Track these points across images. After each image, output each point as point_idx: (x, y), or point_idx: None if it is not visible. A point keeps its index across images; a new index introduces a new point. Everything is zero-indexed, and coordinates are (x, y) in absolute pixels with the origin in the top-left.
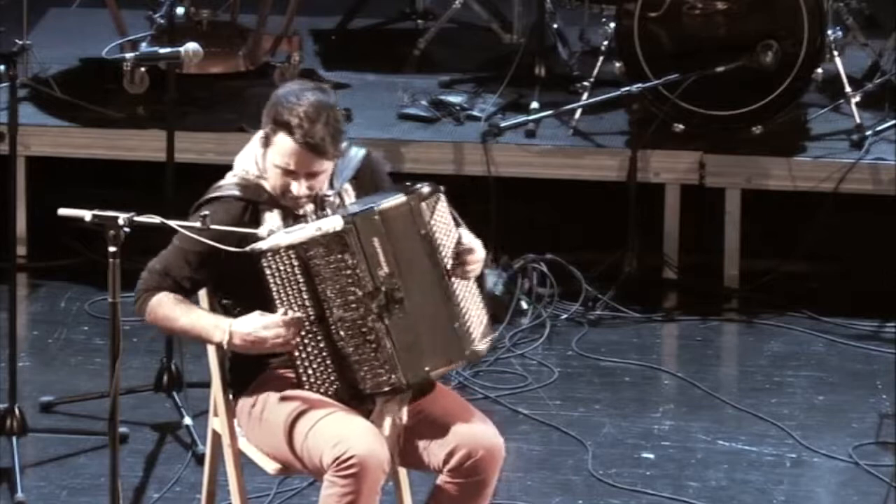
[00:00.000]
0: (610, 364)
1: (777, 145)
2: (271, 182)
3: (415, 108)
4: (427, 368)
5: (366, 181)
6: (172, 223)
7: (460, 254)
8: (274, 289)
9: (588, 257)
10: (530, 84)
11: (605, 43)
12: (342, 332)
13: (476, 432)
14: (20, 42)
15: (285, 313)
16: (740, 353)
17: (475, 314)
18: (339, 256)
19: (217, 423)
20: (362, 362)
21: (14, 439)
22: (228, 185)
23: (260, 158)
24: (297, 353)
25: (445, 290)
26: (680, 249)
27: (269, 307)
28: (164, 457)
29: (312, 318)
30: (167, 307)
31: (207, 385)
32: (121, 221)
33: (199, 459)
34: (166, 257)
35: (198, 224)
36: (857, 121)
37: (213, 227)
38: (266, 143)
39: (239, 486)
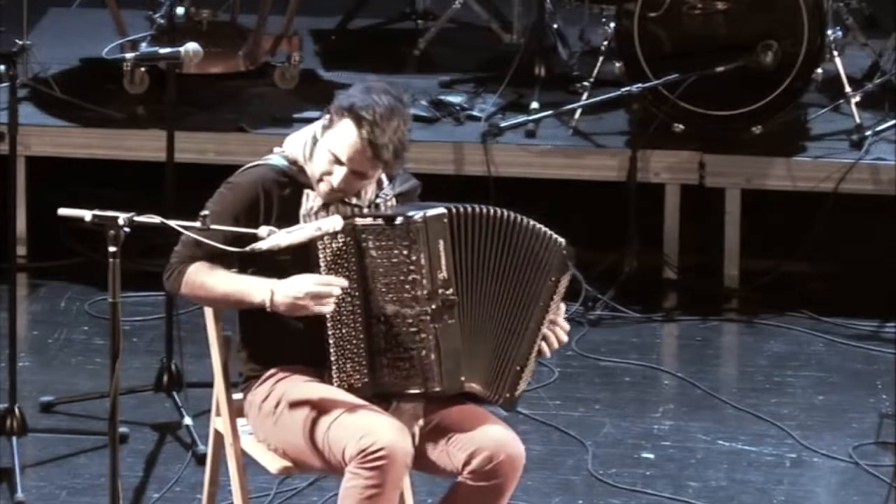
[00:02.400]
0: (610, 364)
1: (777, 145)
2: (315, 164)
3: (415, 108)
4: (463, 378)
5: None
6: (172, 223)
7: (554, 323)
8: (324, 273)
9: (588, 257)
10: (530, 84)
11: (605, 43)
12: (383, 327)
13: (500, 436)
14: (20, 42)
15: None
16: (740, 353)
17: (528, 373)
18: (403, 251)
19: (220, 422)
20: (400, 361)
21: (14, 439)
22: (277, 158)
23: (309, 146)
24: (331, 342)
25: (534, 335)
26: (680, 249)
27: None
28: (164, 457)
29: (357, 306)
30: (204, 275)
31: (207, 385)
32: (121, 221)
33: (199, 459)
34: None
35: (198, 224)
36: (857, 121)
37: (213, 227)
38: (329, 125)
39: (241, 485)
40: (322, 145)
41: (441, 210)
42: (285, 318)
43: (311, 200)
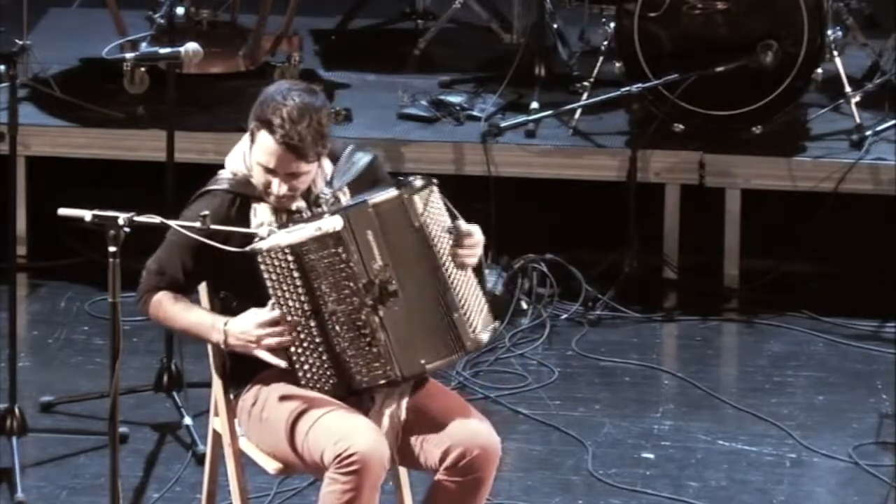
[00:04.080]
0: (610, 364)
1: (777, 145)
2: (255, 179)
3: (415, 108)
4: (423, 361)
5: (365, 187)
6: (172, 223)
7: (457, 240)
8: (269, 285)
9: (588, 257)
10: (530, 84)
11: (605, 43)
12: (337, 327)
13: (472, 430)
14: (20, 42)
15: (277, 309)
16: (740, 353)
17: (475, 304)
18: (334, 251)
19: (218, 422)
20: (358, 356)
21: (14, 439)
22: (219, 179)
23: (247, 156)
24: (293, 350)
25: (442, 282)
26: (680, 249)
27: (267, 300)
28: (164, 457)
29: (308, 313)
30: (166, 307)
31: (207, 385)
32: (121, 221)
33: (199, 459)
34: (161, 256)
35: (197, 224)
36: (857, 121)
37: (212, 226)
38: (251, 140)
39: (240, 486)
40: (252, 161)
41: (362, 200)
42: None
43: (259, 215)
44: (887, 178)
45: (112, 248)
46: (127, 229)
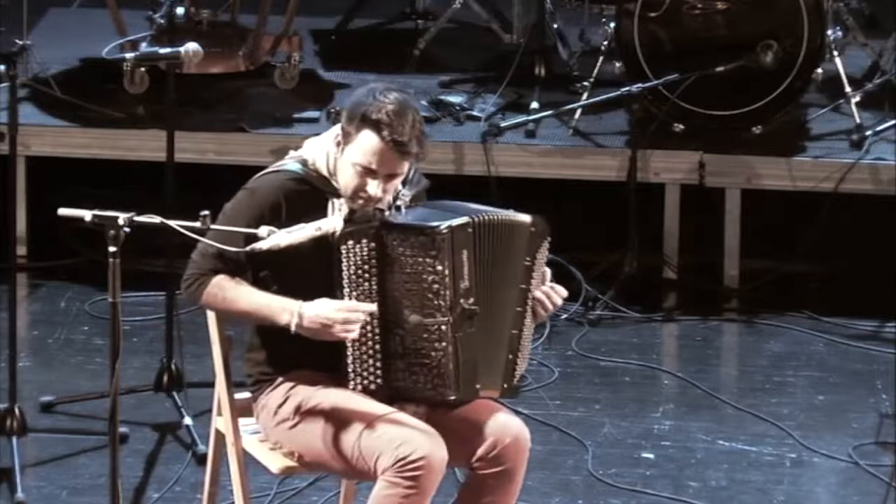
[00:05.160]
0: (610, 364)
1: (777, 145)
2: (344, 181)
3: None
4: (478, 387)
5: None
6: (172, 223)
7: (547, 290)
8: (345, 275)
9: (588, 257)
10: (530, 84)
11: (605, 43)
12: (402, 331)
13: (501, 422)
14: (20, 42)
15: (352, 299)
16: (740, 353)
17: (525, 355)
18: (427, 261)
19: (221, 422)
20: (417, 367)
21: (14, 439)
22: (291, 163)
23: (331, 157)
24: (349, 343)
25: (518, 323)
26: (680, 249)
27: (314, 285)
28: (164, 457)
29: (377, 312)
30: (227, 291)
31: (208, 385)
32: (121, 221)
33: (200, 459)
34: (218, 238)
35: (198, 224)
36: (857, 121)
37: (213, 227)
38: (345, 141)
39: (242, 485)
40: (345, 161)
41: (465, 220)
42: None
43: (336, 209)
44: (887, 178)
45: (112, 248)
46: (127, 229)
